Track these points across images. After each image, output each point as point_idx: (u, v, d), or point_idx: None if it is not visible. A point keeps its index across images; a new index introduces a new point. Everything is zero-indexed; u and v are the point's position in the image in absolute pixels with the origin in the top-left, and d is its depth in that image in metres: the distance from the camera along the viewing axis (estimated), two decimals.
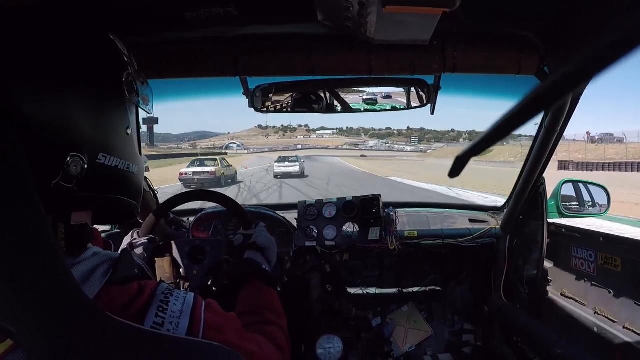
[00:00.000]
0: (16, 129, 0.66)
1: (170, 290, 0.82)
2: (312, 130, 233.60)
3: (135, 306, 0.74)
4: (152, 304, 0.76)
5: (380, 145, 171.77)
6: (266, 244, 1.55)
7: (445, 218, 2.95)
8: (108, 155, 0.86)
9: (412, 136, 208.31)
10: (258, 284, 1.35)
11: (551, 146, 2.05)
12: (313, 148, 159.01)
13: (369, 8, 1.24)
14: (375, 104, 2.00)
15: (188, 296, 0.83)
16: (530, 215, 2.48)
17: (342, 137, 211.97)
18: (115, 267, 0.77)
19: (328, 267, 2.70)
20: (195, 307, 0.81)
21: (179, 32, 1.59)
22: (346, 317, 2.79)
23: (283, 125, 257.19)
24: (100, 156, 0.85)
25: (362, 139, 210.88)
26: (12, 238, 0.62)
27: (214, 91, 2.26)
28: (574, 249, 2.21)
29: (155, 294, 0.78)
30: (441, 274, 2.97)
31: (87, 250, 0.79)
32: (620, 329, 1.84)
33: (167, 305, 0.77)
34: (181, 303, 0.79)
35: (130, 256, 0.85)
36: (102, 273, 0.75)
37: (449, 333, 2.93)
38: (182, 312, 0.78)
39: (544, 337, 1.91)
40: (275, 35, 1.66)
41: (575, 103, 1.83)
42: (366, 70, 1.69)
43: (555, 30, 1.54)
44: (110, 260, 0.79)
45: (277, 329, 1.17)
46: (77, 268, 0.73)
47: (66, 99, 0.80)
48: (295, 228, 2.70)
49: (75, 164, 0.78)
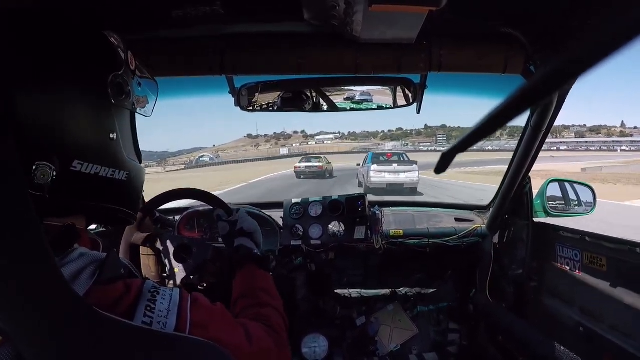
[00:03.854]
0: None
1: (156, 288, 0.82)
2: (311, 135, 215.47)
3: (123, 305, 0.74)
4: (139, 303, 0.76)
5: (401, 148, 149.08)
6: (252, 228, 1.58)
7: (431, 217, 2.95)
8: (85, 163, 0.82)
9: (438, 134, 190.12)
10: (252, 268, 1.37)
11: (537, 145, 2.06)
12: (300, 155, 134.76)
13: (355, 7, 1.24)
14: (361, 103, 1.99)
15: (174, 293, 0.83)
16: (516, 214, 2.49)
17: (349, 142, 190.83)
18: (102, 269, 0.77)
19: (313, 266, 2.70)
20: (181, 304, 0.81)
21: (165, 31, 1.58)
22: (331, 316, 2.79)
23: (275, 132, 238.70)
24: (76, 163, 0.81)
25: (373, 142, 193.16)
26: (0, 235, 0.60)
27: (200, 90, 2.24)
28: (560, 249, 2.21)
29: (142, 292, 0.79)
30: (427, 273, 2.97)
31: (74, 251, 0.78)
32: (606, 329, 1.85)
33: (154, 304, 0.77)
34: (168, 301, 0.80)
35: (116, 256, 0.84)
36: (88, 275, 0.75)
37: (434, 332, 2.93)
38: (169, 311, 0.78)
39: (529, 337, 1.92)
40: (261, 33, 1.65)
41: (561, 102, 1.84)
42: (352, 69, 1.69)
43: (541, 29, 1.54)
44: (97, 262, 0.78)
45: (272, 311, 1.18)
46: (64, 270, 0.72)
47: (34, 101, 0.77)
48: (281, 227, 2.69)
49: (43, 172, 0.75)
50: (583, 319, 2.00)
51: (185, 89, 2.16)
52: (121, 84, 0.91)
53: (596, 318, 1.92)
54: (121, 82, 0.91)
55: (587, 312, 1.98)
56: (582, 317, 2.01)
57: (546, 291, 2.35)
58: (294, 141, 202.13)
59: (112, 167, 0.88)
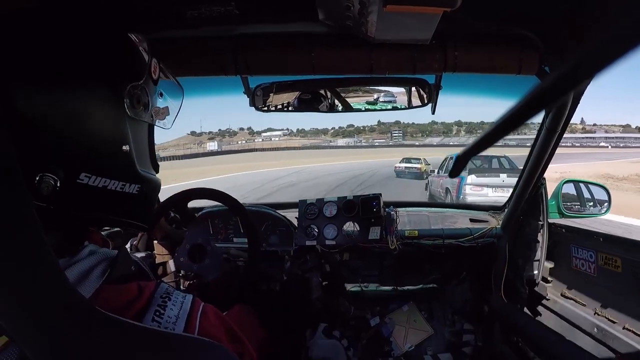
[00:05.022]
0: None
1: (168, 293, 0.80)
2: (257, 132, 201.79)
3: (134, 309, 0.73)
4: (149, 307, 0.75)
5: (354, 144, 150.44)
6: None
7: (446, 217, 2.95)
8: (93, 176, 0.78)
9: (393, 131, 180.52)
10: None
11: (552, 146, 2.05)
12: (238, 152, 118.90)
13: (369, 7, 1.24)
14: (376, 104, 2.00)
15: (186, 301, 0.81)
16: (530, 215, 2.47)
17: (297, 139, 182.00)
18: (113, 267, 0.76)
19: (328, 267, 2.71)
20: (191, 313, 0.79)
21: (179, 31, 1.58)
22: (345, 316, 2.79)
23: (220, 129, 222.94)
24: (83, 176, 0.77)
25: (324, 139, 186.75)
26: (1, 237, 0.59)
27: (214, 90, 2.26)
28: (574, 249, 2.20)
29: (154, 297, 0.77)
30: (441, 274, 2.97)
31: (84, 248, 0.78)
32: (620, 330, 1.84)
33: (164, 310, 0.76)
34: (178, 308, 0.78)
35: (127, 254, 0.83)
36: (99, 273, 0.74)
37: (449, 333, 2.93)
38: (178, 318, 0.77)
39: (544, 338, 1.91)
40: (275, 34, 1.66)
41: (576, 103, 1.83)
42: (367, 69, 1.69)
43: (556, 30, 1.54)
44: (108, 260, 0.77)
45: None
46: (74, 268, 0.72)
47: (38, 107, 0.72)
48: (296, 227, 2.70)
49: (46, 184, 0.71)
50: (597, 320, 1.99)
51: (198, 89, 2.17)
52: (139, 95, 0.87)
53: (611, 319, 1.91)
54: (139, 93, 0.87)
55: (602, 313, 1.97)
56: (596, 318, 2.00)
57: (560, 292, 2.34)
58: (239, 138, 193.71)
59: (123, 180, 0.84)
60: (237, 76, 1.77)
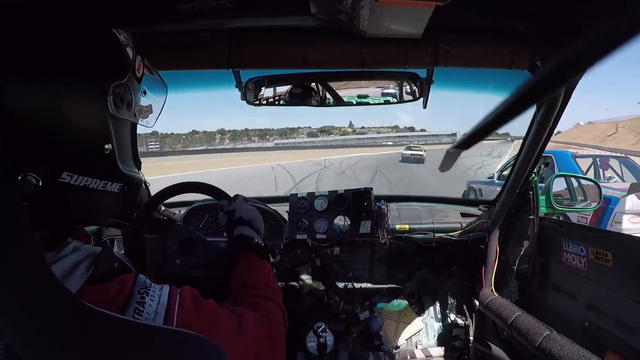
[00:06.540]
0: None
1: (146, 287, 0.80)
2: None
3: (114, 308, 0.72)
4: (129, 306, 0.75)
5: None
6: (250, 215, 1.54)
7: (437, 212, 2.96)
8: (74, 175, 0.79)
9: None
10: (252, 258, 1.34)
11: (543, 140, 2.05)
12: None
13: (362, 1, 1.24)
14: (367, 97, 1.99)
15: (163, 293, 0.81)
16: (521, 209, 2.48)
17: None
18: (96, 264, 0.76)
19: (318, 261, 2.70)
20: (169, 306, 0.79)
21: (171, 24, 1.58)
22: (335, 310, 2.79)
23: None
24: (64, 175, 0.78)
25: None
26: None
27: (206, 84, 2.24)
28: (565, 244, 2.21)
29: (132, 293, 0.77)
30: (432, 268, 2.97)
31: (68, 244, 0.78)
32: (611, 324, 1.85)
33: (143, 306, 0.76)
34: (156, 303, 0.78)
35: (110, 250, 0.83)
36: (83, 270, 0.74)
37: (439, 327, 2.94)
38: (157, 313, 0.76)
39: (535, 332, 1.92)
40: (268, 27, 1.65)
41: (567, 97, 1.83)
42: (358, 63, 1.69)
43: (548, 24, 1.54)
44: (92, 256, 0.77)
45: (273, 305, 1.14)
46: (58, 264, 0.72)
47: (20, 104, 0.71)
48: (286, 221, 2.69)
49: (28, 183, 0.72)
50: (588, 314, 2.00)
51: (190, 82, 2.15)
52: (123, 93, 0.87)
53: (601, 313, 1.93)
54: (123, 91, 0.87)
55: (592, 307, 1.99)
56: (587, 312, 2.01)
57: (551, 286, 2.35)
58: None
59: (104, 179, 0.85)
60: (229, 70, 1.75)
